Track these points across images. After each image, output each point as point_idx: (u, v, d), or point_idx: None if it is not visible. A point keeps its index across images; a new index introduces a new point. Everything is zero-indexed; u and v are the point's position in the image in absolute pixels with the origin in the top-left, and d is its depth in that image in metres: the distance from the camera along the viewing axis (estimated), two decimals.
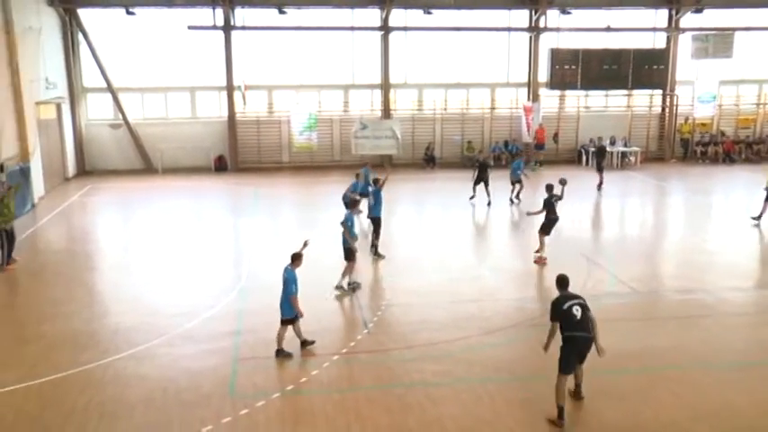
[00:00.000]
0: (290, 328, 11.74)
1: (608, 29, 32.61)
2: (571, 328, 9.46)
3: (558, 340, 9.58)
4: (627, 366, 11.22)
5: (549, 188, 17.26)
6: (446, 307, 14.04)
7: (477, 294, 14.67)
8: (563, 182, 17.90)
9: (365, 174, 21.83)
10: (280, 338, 11.68)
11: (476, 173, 24.14)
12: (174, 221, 22.16)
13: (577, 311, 9.49)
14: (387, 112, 32.51)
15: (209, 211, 24.02)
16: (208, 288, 15.34)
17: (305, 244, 12.45)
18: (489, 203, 23.64)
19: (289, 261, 11.81)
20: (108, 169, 31.26)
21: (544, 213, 17.14)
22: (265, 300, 14.27)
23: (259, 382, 10.75)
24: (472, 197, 24.17)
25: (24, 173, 23.10)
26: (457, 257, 17.81)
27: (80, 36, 30.43)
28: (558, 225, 17.43)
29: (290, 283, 11.46)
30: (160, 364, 11.42)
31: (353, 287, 15.04)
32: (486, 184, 23.89)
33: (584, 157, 33.25)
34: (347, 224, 15.03)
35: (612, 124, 34.03)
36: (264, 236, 20.24)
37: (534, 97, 33.25)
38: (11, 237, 17.00)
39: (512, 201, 23.87)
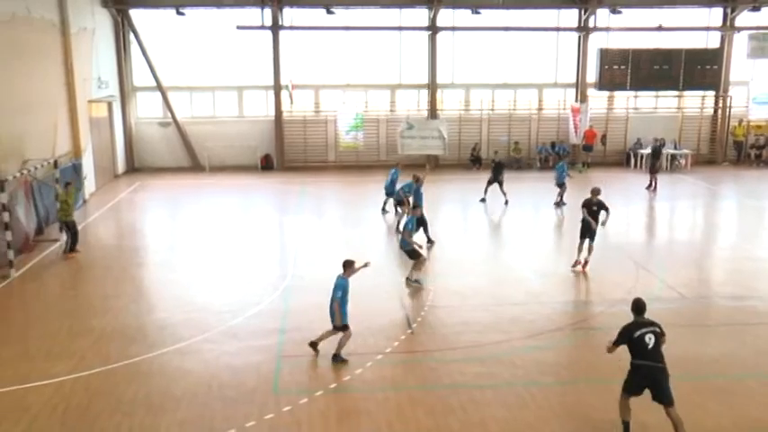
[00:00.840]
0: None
1: (659, 28, 32.00)
2: (641, 356, 9.05)
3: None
4: (673, 373, 10.97)
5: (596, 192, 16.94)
6: (489, 309, 13.97)
7: (520, 297, 14.56)
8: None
9: (393, 174, 22.14)
10: (339, 344, 11.49)
11: (491, 173, 24.06)
12: (220, 219, 22.47)
13: (650, 340, 9.04)
14: (433, 112, 32.45)
15: (254, 209, 24.31)
16: (253, 286, 15.52)
17: (365, 265, 12.37)
18: (506, 202, 23.63)
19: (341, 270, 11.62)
20: (156, 167, 31.82)
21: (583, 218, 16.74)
22: (310, 299, 14.43)
23: (302, 380, 10.84)
24: (483, 199, 24.06)
25: (77, 169, 23.66)
26: (500, 259, 17.72)
27: (131, 36, 31.05)
28: (606, 228, 17.14)
29: (336, 289, 11.33)
30: (205, 360, 11.60)
31: (416, 282, 15.18)
32: (501, 185, 23.78)
33: (632, 160, 32.71)
34: (408, 228, 15.17)
35: (662, 126, 33.35)
36: (310, 235, 20.37)
37: (582, 98, 32.82)
38: (73, 228, 17.92)
39: (557, 204, 23.58)
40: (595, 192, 16.77)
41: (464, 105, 33.33)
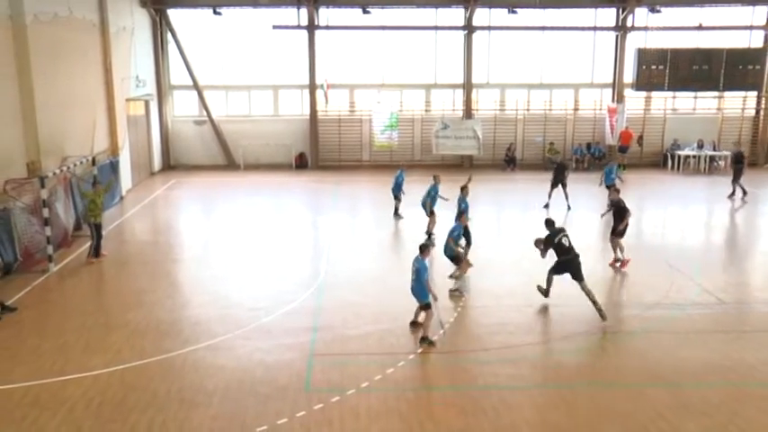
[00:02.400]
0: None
1: (700, 27, 31.51)
2: (564, 254, 13.49)
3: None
4: (711, 380, 10.84)
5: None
6: (523, 310, 13.89)
7: (554, 299, 14.42)
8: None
9: (399, 177, 22.21)
10: (425, 327, 12.21)
11: (552, 176, 23.72)
12: (254, 216, 22.67)
13: (566, 241, 13.53)
14: (468, 112, 32.36)
15: (289, 207, 24.46)
16: (286, 283, 15.61)
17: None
18: (569, 208, 23.17)
19: (418, 252, 12.40)
20: (191, 164, 32.21)
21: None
22: (343, 297, 14.52)
23: (334, 379, 10.88)
24: (546, 205, 23.60)
25: (114, 167, 24.04)
26: (534, 260, 17.51)
27: (169, 36, 31.47)
28: (642, 230, 16.95)
29: (422, 272, 12.09)
30: (237, 356, 11.70)
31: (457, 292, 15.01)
32: (564, 186, 23.42)
33: (669, 162, 32.25)
34: (453, 235, 15.18)
35: (701, 127, 32.86)
36: (343, 233, 20.45)
37: (619, 98, 32.46)
38: (98, 231, 17.73)
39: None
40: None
41: (499, 105, 33.17)
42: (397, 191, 22.13)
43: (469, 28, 31.45)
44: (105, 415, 9.79)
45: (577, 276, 13.39)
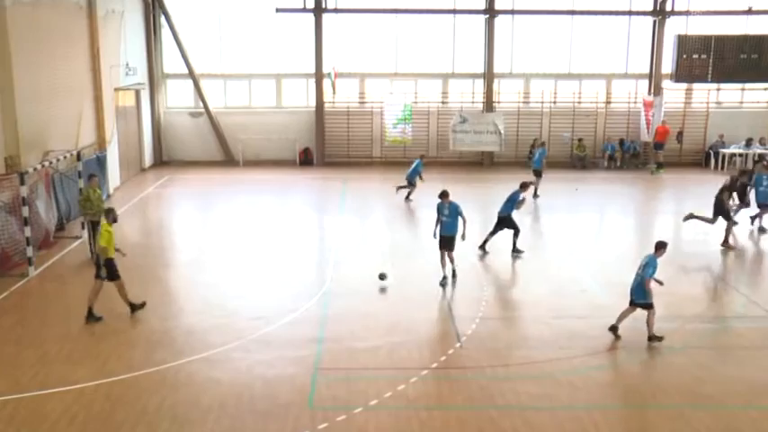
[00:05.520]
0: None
1: (749, 11, 31.37)
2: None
3: None
4: (760, 402, 10.78)
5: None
6: (547, 322, 13.86)
7: (583, 310, 14.40)
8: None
9: (417, 164, 24.56)
10: (621, 317, 12.95)
11: None
12: (254, 217, 22.74)
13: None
14: (489, 105, 32.32)
15: (292, 207, 24.51)
16: (289, 291, 15.64)
17: None
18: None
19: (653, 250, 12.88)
20: (186, 160, 32.34)
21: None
22: (351, 306, 14.54)
23: (340, 395, 10.90)
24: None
25: (101, 162, 24.15)
26: (561, 268, 17.53)
27: (162, 19, 31.61)
28: (681, 236, 16.87)
29: (648, 266, 12.61)
30: (235, 369, 11.74)
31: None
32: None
33: (712, 160, 32.12)
34: (515, 198, 18.02)
35: (748, 123, 32.69)
36: (352, 236, 20.48)
37: (656, 90, 32.34)
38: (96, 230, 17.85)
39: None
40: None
41: (523, 97, 33.12)
42: (413, 176, 24.08)
43: (491, 12, 31.44)
44: None
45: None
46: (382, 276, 15.79)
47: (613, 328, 12.98)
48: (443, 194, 16.00)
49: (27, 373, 11.55)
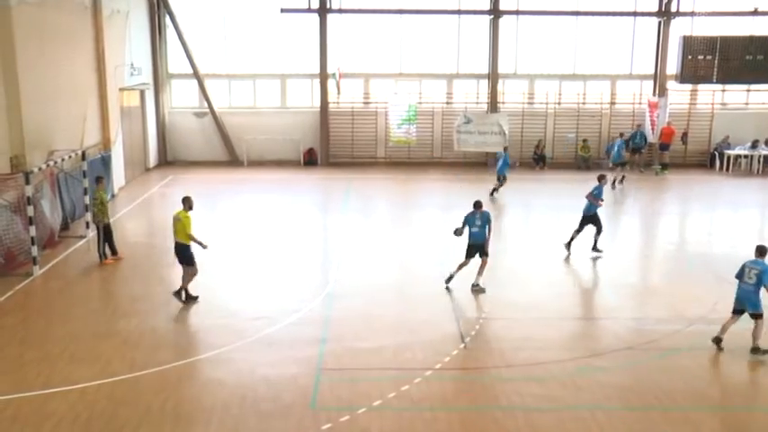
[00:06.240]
0: None
1: (755, 12, 31.27)
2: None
3: None
4: (765, 404, 10.73)
5: None
6: (552, 324, 13.83)
7: (588, 311, 14.39)
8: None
9: (504, 157, 25.70)
10: (755, 337, 12.28)
11: None
12: (258, 217, 22.74)
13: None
14: (494, 105, 32.29)
15: (296, 207, 24.49)
16: (292, 291, 15.64)
17: None
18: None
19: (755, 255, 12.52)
20: (190, 160, 32.35)
21: None
22: (355, 306, 14.53)
23: (344, 396, 10.88)
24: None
25: (105, 162, 24.17)
26: (567, 269, 17.51)
27: (167, 19, 31.61)
28: (685, 238, 16.83)
29: (765, 273, 12.05)
30: (238, 370, 11.73)
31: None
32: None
33: (717, 162, 32.02)
34: (593, 193, 17.99)
35: (754, 124, 32.59)
36: (355, 237, 20.43)
37: (661, 91, 32.28)
38: (108, 231, 17.88)
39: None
40: None
41: (527, 98, 33.09)
42: (503, 169, 25.34)
43: (496, 12, 31.41)
44: None
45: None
46: (458, 232, 15.69)
47: (717, 340, 12.53)
48: (478, 205, 15.48)
49: (30, 373, 11.56)
